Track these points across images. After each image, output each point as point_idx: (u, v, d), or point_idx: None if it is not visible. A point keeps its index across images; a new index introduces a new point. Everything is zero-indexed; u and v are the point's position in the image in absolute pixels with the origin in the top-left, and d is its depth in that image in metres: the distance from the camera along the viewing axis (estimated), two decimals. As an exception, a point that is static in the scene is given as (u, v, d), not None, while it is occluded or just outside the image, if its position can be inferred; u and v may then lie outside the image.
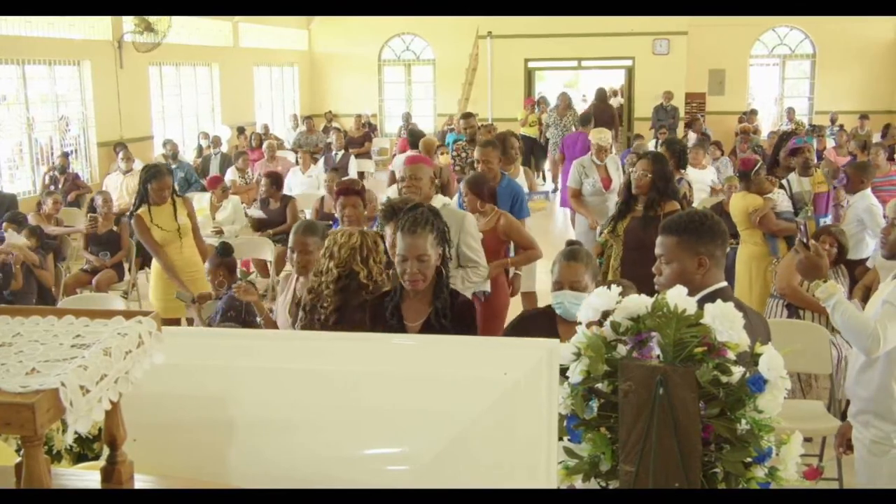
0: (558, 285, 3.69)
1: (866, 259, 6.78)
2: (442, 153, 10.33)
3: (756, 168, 6.92)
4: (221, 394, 1.85)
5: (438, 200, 5.07)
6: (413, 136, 12.47)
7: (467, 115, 11.22)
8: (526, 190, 7.66)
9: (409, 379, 1.84)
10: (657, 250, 3.21)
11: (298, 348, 2.02)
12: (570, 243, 4.02)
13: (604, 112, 16.46)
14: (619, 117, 19.91)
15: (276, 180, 9.83)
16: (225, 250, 6.16)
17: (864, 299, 5.18)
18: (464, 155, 9.59)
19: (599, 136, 8.12)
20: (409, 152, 11.82)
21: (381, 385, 1.83)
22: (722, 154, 12.48)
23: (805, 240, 3.59)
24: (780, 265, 6.25)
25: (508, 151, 7.74)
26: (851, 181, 7.02)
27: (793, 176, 7.63)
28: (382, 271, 4.09)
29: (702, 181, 9.55)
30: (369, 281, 3.99)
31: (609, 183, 8.03)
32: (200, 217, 9.40)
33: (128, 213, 7.24)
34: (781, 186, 7.37)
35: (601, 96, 17.54)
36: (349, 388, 1.83)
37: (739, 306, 2.45)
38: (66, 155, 12.64)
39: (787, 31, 20.24)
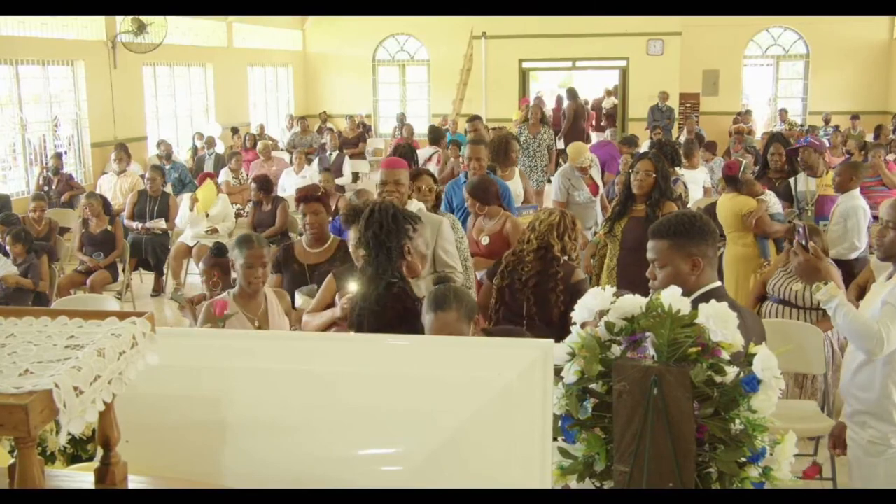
0: None
1: (854, 259, 6.80)
2: (455, 156, 10.16)
3: (742, 168, 6.94)
4: (215, 394, 1.84)
5: (413, 206, 4.97)
6: (434, 133, 11.99)
7: (474, 119, 10.79)
8: (521, 193, 7.65)
9: (404, 379, 1.84)
10: (649, 255, 3.18)
11: (291, 349, 2.02)
12: (439, 280, 3.80)
13: (576, 110, 18.04)
14: (614, 116, 20.05)
15: (264, 185, 9.83)
16: (220, 251, 6.15)
17: (859, 298, 5.18)
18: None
19: (580, 158, 7.89)
20: (428, 148, 11.71)
21: (374, 386, 1.83)
22: (714, 155, 12.46)
23: (804, 243, 3.57)
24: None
25: (510, 154, 7.70)
26: (842, 180, 7.02)
27: (801, 175, 7.63)
28: (576, 248, 4.80)
29: (694, 181, 9.52)
30: (562, 254, 4.69)
31: (596, 189, 8.03)
32: (195, 214, 9.43)
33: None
34: (779, 187, 7.40)
35: (572, 95, 18.49)
36: (343, 388, 1.83)
37: (734, 306, 2.45)
38: (59, 155, 12.57)
39: (781, 32, 20.29)
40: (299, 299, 4.74)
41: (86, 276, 8.64)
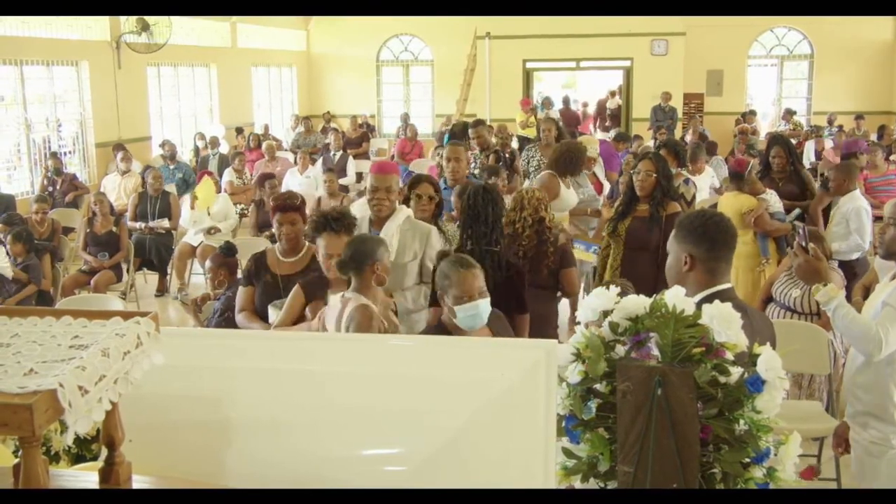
0: (463, 298, 3.56)
1: (856, 259, 6.79)
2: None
3: (749, 169, 6.95)
4: (217, 394, 1.85)
5: (402, 213, 4.89)
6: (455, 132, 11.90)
7: (477, 124, 10.46)
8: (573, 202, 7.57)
9: (406, 380, 1.84)
10: None
11: (294, 349, 2.02)
12: (442, 255, 3.96)
13: (569, 115, 19.09)
14: (619, 117, 20.06)
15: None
16: (229, 250, 6.15)
17: (865, 298, 5.18)
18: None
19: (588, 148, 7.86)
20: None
21: (377, 386, 1.83)
22: (714, 154, 12.34)
23: (804, 244, 3.56)
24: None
25: (580, 166, 7.41)
26: (837, 184, 6.93)
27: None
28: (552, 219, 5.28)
29: (702, 186, 9.38)
30: (552, 224, 5.17)
31: (601, 187, 7.98)
32: (197, 213, 9.45)
33: None
34: (781, 187, 7.38)
35: (566, 102, 20.39)
36: (345, 388, 1.83)
37: (741, 307, 2.45)
38: (55, 155, 12.46)
39: (785, 32, 20.24)
40: (272, 314, 4.50)
41: (90, 276, 8.66)
